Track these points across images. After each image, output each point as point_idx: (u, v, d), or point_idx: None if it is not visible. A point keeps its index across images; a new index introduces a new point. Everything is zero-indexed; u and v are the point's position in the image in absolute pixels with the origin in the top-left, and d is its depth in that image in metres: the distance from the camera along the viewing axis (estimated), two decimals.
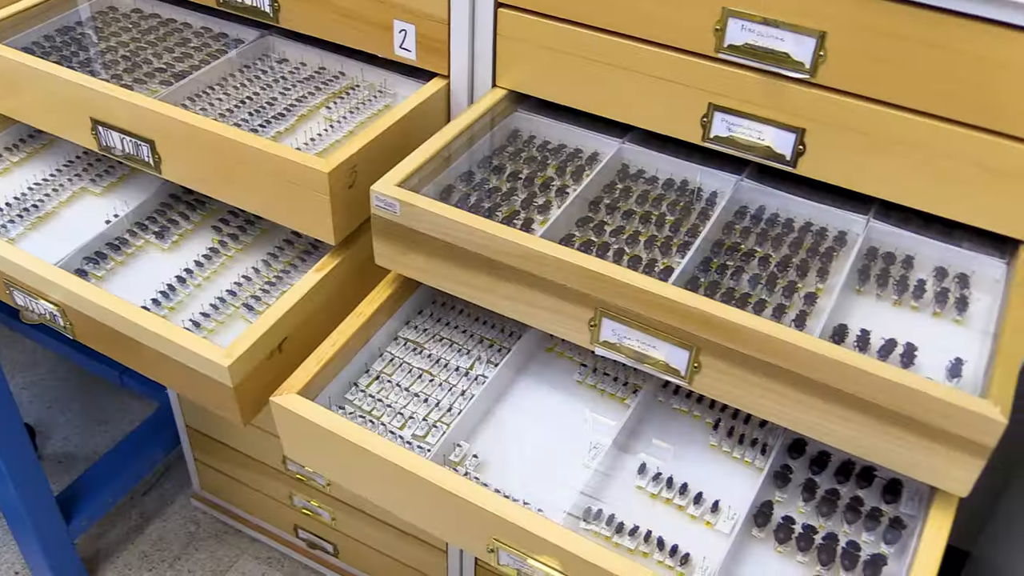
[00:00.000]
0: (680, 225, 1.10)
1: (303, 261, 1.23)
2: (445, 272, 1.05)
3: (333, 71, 1.36)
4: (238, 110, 1.27)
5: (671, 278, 1.01)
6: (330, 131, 1.25)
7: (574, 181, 1.16)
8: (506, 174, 1.16)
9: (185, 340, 1.06)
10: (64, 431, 2.39)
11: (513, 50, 1.17)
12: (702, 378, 0.95)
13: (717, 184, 1.16)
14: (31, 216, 1.30)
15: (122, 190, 1.35)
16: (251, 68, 1.36)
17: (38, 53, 1.37)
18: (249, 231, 1.28)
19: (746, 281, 1.04)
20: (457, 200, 1.12)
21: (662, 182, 1.17)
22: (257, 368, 1.08)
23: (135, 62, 1.35)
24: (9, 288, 1.22)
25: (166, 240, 1.27)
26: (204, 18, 1.45)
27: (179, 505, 2.23)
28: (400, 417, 1.06)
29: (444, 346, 1.15)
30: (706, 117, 1.08)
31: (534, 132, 1.23)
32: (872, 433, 0.89)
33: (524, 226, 1.09)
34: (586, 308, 0.98)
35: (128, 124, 1.20)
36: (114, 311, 1.11)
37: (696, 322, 0.92)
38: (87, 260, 1.23)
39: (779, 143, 1.05)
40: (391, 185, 1.04)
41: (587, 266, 0.95)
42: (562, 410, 1.09)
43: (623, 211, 1.12)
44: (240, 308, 1.17)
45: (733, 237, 1.09)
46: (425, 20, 1.19)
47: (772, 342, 0.89)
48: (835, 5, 0.95)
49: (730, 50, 1.03)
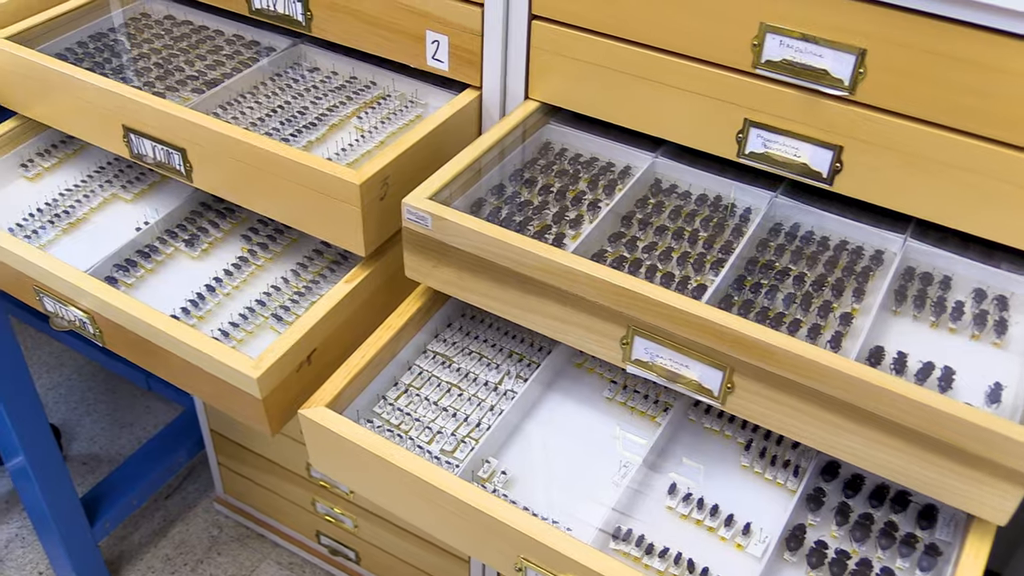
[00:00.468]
0: (713, 242, 1.09)
1: (332, 271, 1.23)
2: (476, 286, 1.04)
3: (364, 80, 1.35)
4: (269, 119, 1.27)
5: (704, 296, 1.00)
6: (361, 141, 1.24)
7: (606, 195, 1.15)
8: (537, 187, 1.15)
9: (214, 350, 1.06)
10: (89, 432, 2.40)
11: (546, 62, 1.16)
12: (735, 399, 0.94)
13: (751, 200, 1.15)
14: (62, 222, 1.30)
15: (152, 197, 1.35)
16: (283, 76, 1.36)
17: (71, 59, 1.37)
18: (279, 240, 1.28)
19: (780, 300, 1.02)
20: (488, 213, 1.11)
21: (695, 197, 1.15)
22: (286, 379, 1.07)
23: (167, 69, 1.35)
24: (39, 294, 1.23)
25: (196, 248, 1.27)
26: (236, 25, 1.45)
27: (202, 509, 2.23)
28: (428, 431, 1.06)
29: (473, 360, 1.14)
30: (741, 133, 1.07)
31: (566, 144, 1.22)
32: (908, 459, 0.88)
33: (556, 241, 1.08)
34: (618, 326, 0.97)
35: (160, 132, 1.20)
36: (143, 320, 1.11)
37: (730, 342, 0.91)
38: (117, 267, 1.23)
39: (815, 160, 1.04)
40: (423, 198, 1.04)
41: (620, 284, 0.94)
42: (591, 427, 1.08)
43: (656, 227, 1.11)
44: (269, 318, 1.17)
45: (767, 255, 1.08)
46: (458, 31, 1.19)
47: (807, 364, 0.87)
48: (876, 23, 0.94)
49: (767, 66, 1.01)
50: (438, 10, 1.18)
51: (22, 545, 2.15)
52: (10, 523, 2.20)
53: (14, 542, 2.16)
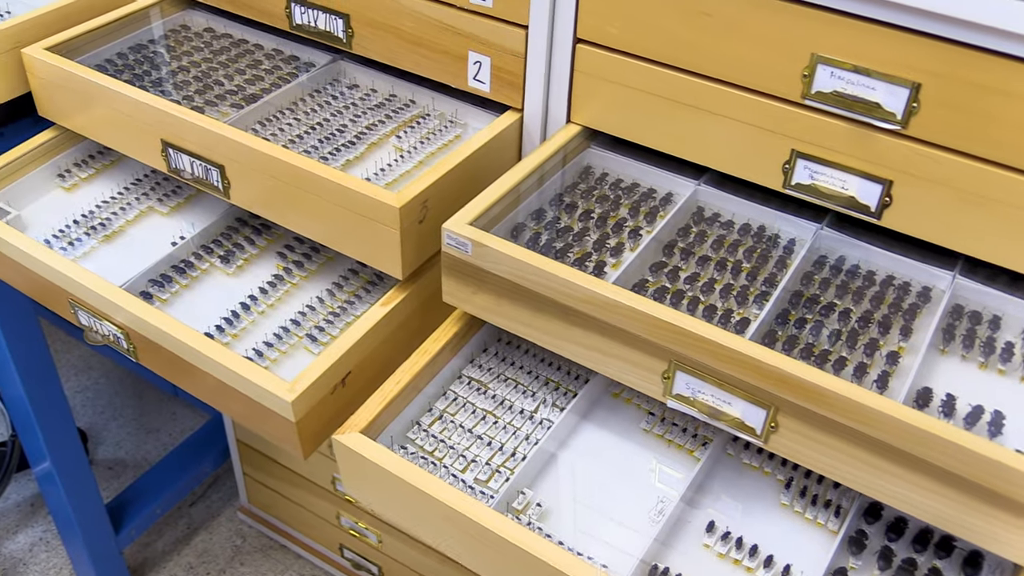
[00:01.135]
0: (757, 273, 1.07)
1: (367, 292, 1.22)
2: (515, 314, 1.03)
3: (404, 99, 1.34)
4: (308, 136, 1.26)
5: (748, 331, 0.98)
6: (400, 161, 1.23)
7: (647, 223, 1.13)
8: (578, 213, 1.14)
9: (249, 371, 1.05)
10: (116, 437, 2.41)
11: (590, 87, 1.15)
12: (778, 438, 0.92)
13: (795, 231, 1.13)
14: (98, 234, 1.30)
15: (188, 211, 1.35)
16: (322, 93, 1.35)
17: (110, 71, 1.37)
18: (314, 258, 1.27)
19: (826, 336, 1.00)
20: (528, 239, 1.09)
21: (738, 227, 1.13)
22: (320, 402, 1.06)
23: (206, 83, 1.35)
24: (74, 307, 1.22)
25: (231, 265, 1.26)
26: (276, 40, 1.45)
27: (226, 518, 2.23)
28: (462, 460, 1.04)
29: (508, 387, 1.12)
30: (788, 163, 1.05)
31: (607, 169, 1.21)
32: (955, 505, 0.85)
33: (596, 269, 1.06)
34: (660, 360, 0.95)
35: (199, 148, 1.20)
36: (178, 338, 1.10)
37: (775, 381, 0.89)
38: (152, 282, 1.22)
39: (864, 193, 1.02)
40: (463, 224, 1.02)
41: (663, 317, 0.92)
42: (628, 459, 1.06)
43: (698, 256, 1.09)
44: (303, 338, 1.16)
45: (812, 288, 1.06)
46: (501, 53, 1.17)
47: (855, 407, 0.85)
48: (931, 57, 0.92)
49: (817, 97, 0.99)
50: (482, 31, 1.17)
51: (46, 549, 2.16)
52: (35, 526, 2.20)
53: (38, 546, 2.17)
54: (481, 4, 1.16)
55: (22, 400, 1.72)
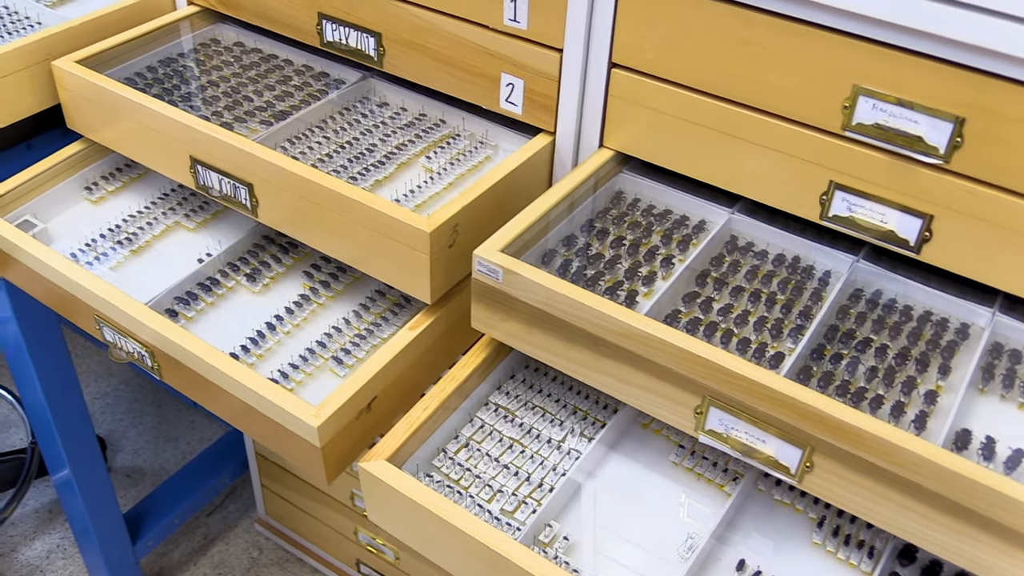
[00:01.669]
0: (792, 305, 1.05)
1: (394, 315, 1.21)
2: (545, 343, 1.01)
3: (434, 118, 1.33)
4: (337, 155, 1.25)
5: (783, 366, 0.97)
6: (429, 182, 1.22)
7: (680, 251, 1.12)
8: (609, 240, 1.12)
9: (274, 395, 1.04)
10: (134, 444, 2.40)
11: (624, 111, 1.13)
12: (813, 478, 0.90)
13: (831, 263, 1.11)
14: (124, 249, 1.29)
15: (215, 227, 1.34)
16: (351, 111, 1.34)
17: (140, 84, 1.37)
18: (340, 279, 1.26)
19: (862, 373, 0.98)
20: (559, 266, 1.08)
21: (772, 257, 1.12)
22: (345, 427, 1.05)
23: (236, 99, 1.34)
24: (99, 324, 1.21)
25: (257, 283, 1.25)
26: (305, 56, 1.44)
27: (243, 529, 2.22)
28: (488, 489, 1.03)
29: (536, 415, 1.11)
30: (826, 195, 1.03)
31: (639, 195, 1.19)
32: (994, 552, 0.83)
33: (628, 298, 1.04)
34: (693, 395, 0.93)
35: (228, 166, 1.19)
36: (203, 358, 1.09)
37: (812, 421, 0.87)
38: (178, 300, 1.21)
39: (903, 227, 1.00)
40: (495, 251, 1.01)
41: (698, 352, 0.90)
42: (657, 493, 1.05)
43: (732, 287, 1.07)
44: (329, 360, 1.14)
45: (848, 323, 1.04)
46: (535, 75, 1.16)
47: (893, 449, 0.83)
48: (976, 91, 0.90)
49: (858, 128, 0.98)
50: (516, 54, 1.16)
51: (63, 556, 2.15)
52: (52, 533, 2.20)
53: (55, 553, 2.16)
54: (516, 26, 1.14)
55: (42, 407, 1.72)
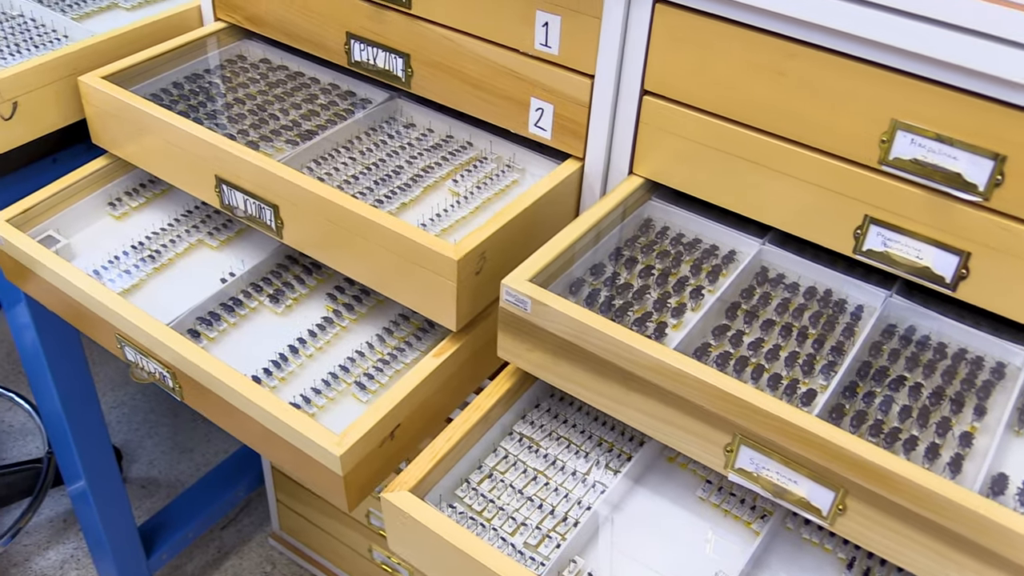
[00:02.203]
0: (824, 340, 1.03)
1: (418, 339, 1.19)
2: (572, 375, 1.00)
3: (461, 140, 1.32)
4: (363, 177, 1.24)
5: (815, 404, 0.95)
6: (456, 207, 1.21)
7: (709, 281, 1.10)
8: (638, 268, 1.11)
9: (297, 421, 1.03)
10: (150, 455, 2.40)
11: (655, 139, 1.12)
12: (846, 521, 0.88)
13: (863, 297, 1.09)
14: (147, 266, 1.28)
15: (238, 246, 1.33)
16: (378, 131, 1.33)
17: (166, 100, 1.36)
18: (364, 301, 1.24)
19: (895, 412, 0.96)
20: (587, 295, 1.06)
21: (803, 290, 1.10)
22: (368, 455, 1.04)
23: (262, 117, 1.33)
24: (121, 343, 1.20)
25: (280, 304, 1.24)
26: (332, 74, 1.43)
27: (256, 543, 2.21)
28: (512, 522, 1.01)
29: (560, 445, 1.09)
30: (860, 229, 1.01)
31: (668, 223, 1.18)
32: None
33: (657, 330, 1.03)
34: (723, 432, 0.92)
35: (254, 187, 1.18)
36: (225, 382, 1.08)
37: (846, 463, 0.85)
38: (200, 320, 1.20)
39: (939, 264, 0.98)
40: (523, 280, 1.00)
41: (730, 391, 0.88)
42: (683, 529, 1.03)
43: (762, 320, 1.06)
44: (352, 385, 1.13)
45: (881, 359, 1.02)
46: (565, 101, 1.15)
47: (929, 495, 0.81)
48: (1018, 129, 0.88)
49: (895, 163, 0.96)
50: (546, 78, 1.15)
51: (76, 567, 2.15)
52: (66, 543, 2.19)
53: (68, 563, 2.16)
54: (547, 51, 1.13)
55: (59, 416, 1.71)
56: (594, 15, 1.07)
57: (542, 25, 1.12)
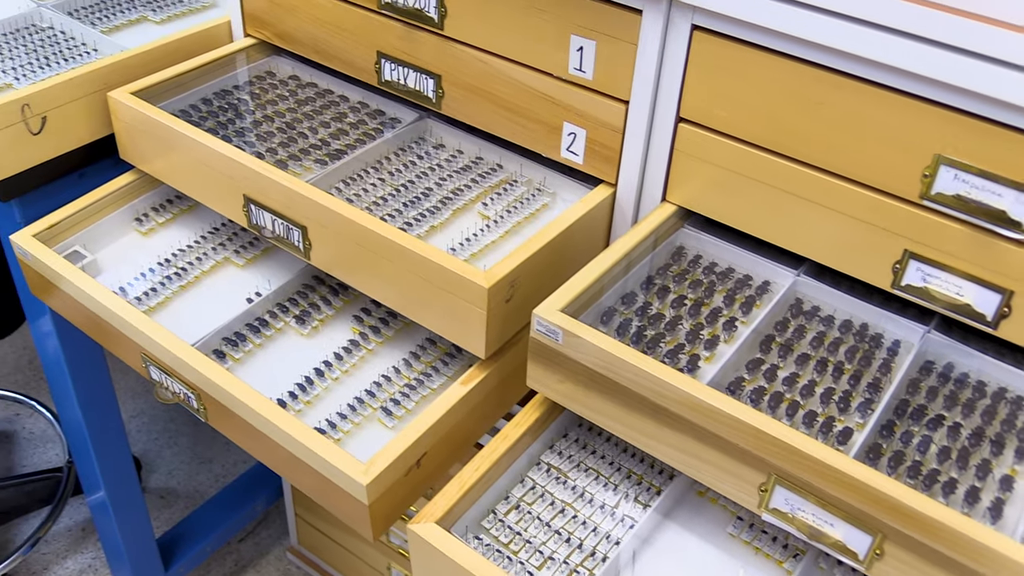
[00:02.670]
0: (860, 376, 1.01)
1: (444, 364, 1.18)
2: (603, 408, 0.98)
3: (491, 162, 1.30)
4: (392, 199, 1.23)
5: (852, 443, 0.93)
6: (486, 231, 1.19)
7: (743, 313, 1.08)
8: (670, 298, 1.09)
9: (322, 448, 1.01)
10: (169, 465, 2.39)
11: (689, 167, 1.10)
12: (883, 566, 0.86)
13: (900, 332, 1.07)
14: (174, 284, 1.27)
15: (265, 265, 1.32)
16: (407, 152, 1.32)
17: (194, 116, 1.35)
18: (391, 324, 1.23)
19: (934, 453, 0.94)
20: (618, 325, 1.05)
21: (839, 323, 1.08)
22: (394, 484, 1.02)
23: (291, 135, 1.32)
24: (146, 362, 1.20)
25: (306, 326, 1.23)
26: (361, 92, 1.42)
27: (274, 556, 2.20)
28: (539, 555, 0.99)
29: (589, 477, 1.07)
30: (899, 263, 0.99)
31: (700, 251, 1.16)
32: None
33: (690, 363, 1.01)
34: (758, 472, 0.90)
35: (282, 207, 1.17)
36: (251, 405, 1.06)
37: (883, 507, 0.83)
38: (226, 341, 1.19)
39: (981, 302, 0.96)
40: (555, 311, 0.98)
41: (767, 430, 0.87)
42: (712, 566, 1.01)
43: (797, 354, 1.04)
44: (377, 411, 1.12)
45: (918, 397, 1.00)
46: (598, 126, 1.13)
47: (969, 543, 0.79)
48: None
49: (938, 198, 0.94)
50: (579, 103, 1.13)
51: None
52: (84, 552, 2.19)
53: (86, 572, 2.15)
54: (581, 76, 1.12)
55: (79, 425, 1.71)
56: (630, 41, 1.06)
57: (576, 49, 1.11)
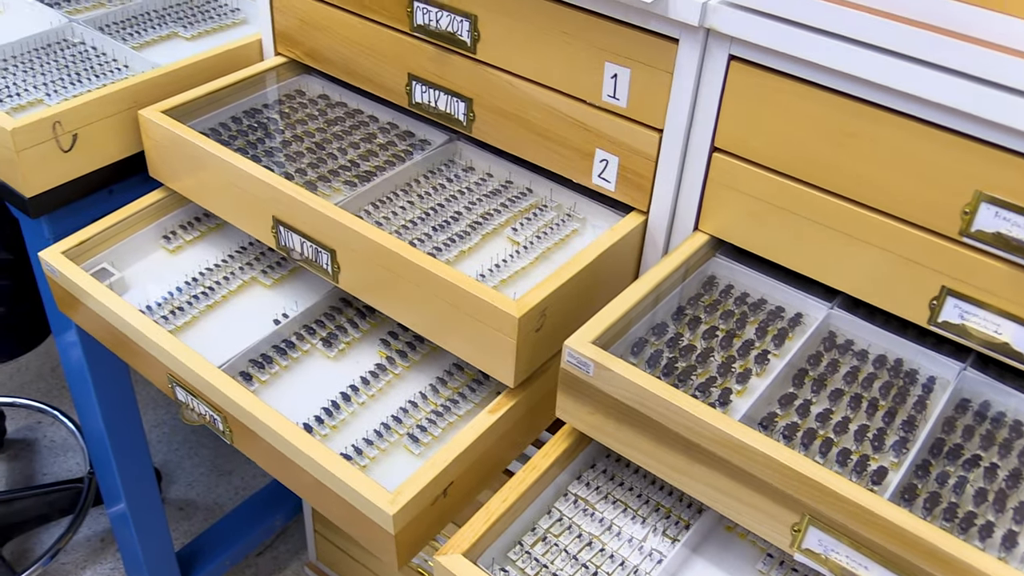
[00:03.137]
0: (894, 413, 1.00)
1: (472, 391, 1.17)
2: (634, 441, 0.97)
3: (520, 186, 1.30)
4: (421, 222, 1.22)
5: (887, 484, 0.92)
6: (515, 257, 1.18)
7: (775, 345, 1.07)
8: (701, 329, 1.08)
9: (349, 476, 1.01)
10: (189, 477, 2.39)
11: (723, 197, 1.09)
12: None
13: (935, 368, 1.05)
14: (201, 303, 1.27)
15: (292, 285, 1.31)
16: (436, 174, 1.31)
17: (224, 135, 1.35)
18: (418, 348, 1.22)
19: (970, 495, 0.93)
20: (649, 357, 1.04)
21: (873, 358, 1.06)
22: (420, 514, 1.01)
23: (320, 156, 1.32)
24: (172, 383, 1.19)
25: (333, 348, 1.22)
26: (391, 113, 1.41)
27: (292, 571, 2.19)
28: None
29: (616, 509, 1.06)
30: (936, 300, 0.98)
31: (732, 281, 1.15)
32: None
33: (722, 397, 1.00)
34: (792, 511, 0.88)
35: (311, 230, 1.16)
36: (277, 431, 1.06)
37: (919, 552, 0.82)
38: (252, 363, 1.19)
39: (1020, 341, 0.94)
40: (586, 343, 0.97)
41: (802, 470, 0.85)
42: None
43: (830, 389, 1.02)
44: (404, 437, 1.11)
45: (954, 436, 0.98)
46: (631, 154, 1.12)
47: None
48: None
49: (977, 235, 0.92)
50: (612, 130, 1.12)
51: None
52: (103, 563, 2.19)
53: None
54: (615, 103, 1.11)
55: (102, 437, 1.71)
56: (666, 70, 1.05)
57: (611, 77, 1.10)
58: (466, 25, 1.19)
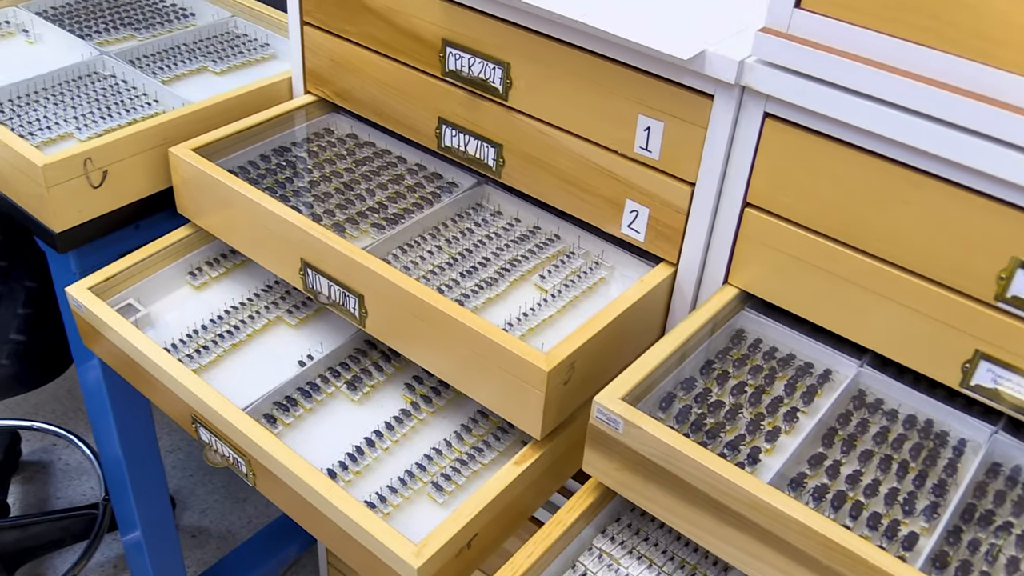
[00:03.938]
0: (925, 476, 0.99)
1: (496, 439, 1.16)
2: (663, 500, 0.96)
3: (548, 232, 1.29)
4: (449, 268, 1.22)
5: (919, 551, 0.91)
6: (543, 305, 1.18)
7: (804, 403, 1.06)
8: (730, 385, 1.07)
9: (374, 527, 1.00)
10: (202, 504, 2.39)
11: (754, 252, 1.09)
12: None
13: (966, 431, 1.04)
14: (226, 343, 1.27)
15: (317, 326, 1.31)
16: (464, 218, 1.31)
17: (252, 173, 1.35)
18: (443, 393, 1.22)
19: (1003, 564, 0.92)
20: (678, 413, 1.03)
21: (903, 418, 1.06)
22: (445, 566, 1.01)
23: (348, 197, 1.32)
24: (195, 423, 1.19)
25: (357, 392, 1.22)
26: (419, 154, 1.41)
27: None
28: None
29: (641, 565, 1.05)
30: (969, 363, 0.97)
31: (760, 336, 1.14)
32: None
33: (751, 456, 0.99)
34: None
35: (339, 274, 1.16)
36: (303, 479, 1.05)
37: None
38: (277, 405, 1.19)
39: None
40: (615, 399, 0.97)
41: (834, 538, 0.84)
42: None
43: (860, 450, 1.01)
44: (428, 485, 1.11)
45: (986, 502, 0.97)
46: (662, 206, 1.12)
47: None
48: None
49: (1013, 301, 0.92)
50: (644, 182, 1.12)
51: None
52: None
53: None
54: (646, 155, 1.11)
55: (119, 464, 1.70)
56: (700, 124, 1.05)
57: (643, 129, 1.10)
58: (499, 72, 1.19)
